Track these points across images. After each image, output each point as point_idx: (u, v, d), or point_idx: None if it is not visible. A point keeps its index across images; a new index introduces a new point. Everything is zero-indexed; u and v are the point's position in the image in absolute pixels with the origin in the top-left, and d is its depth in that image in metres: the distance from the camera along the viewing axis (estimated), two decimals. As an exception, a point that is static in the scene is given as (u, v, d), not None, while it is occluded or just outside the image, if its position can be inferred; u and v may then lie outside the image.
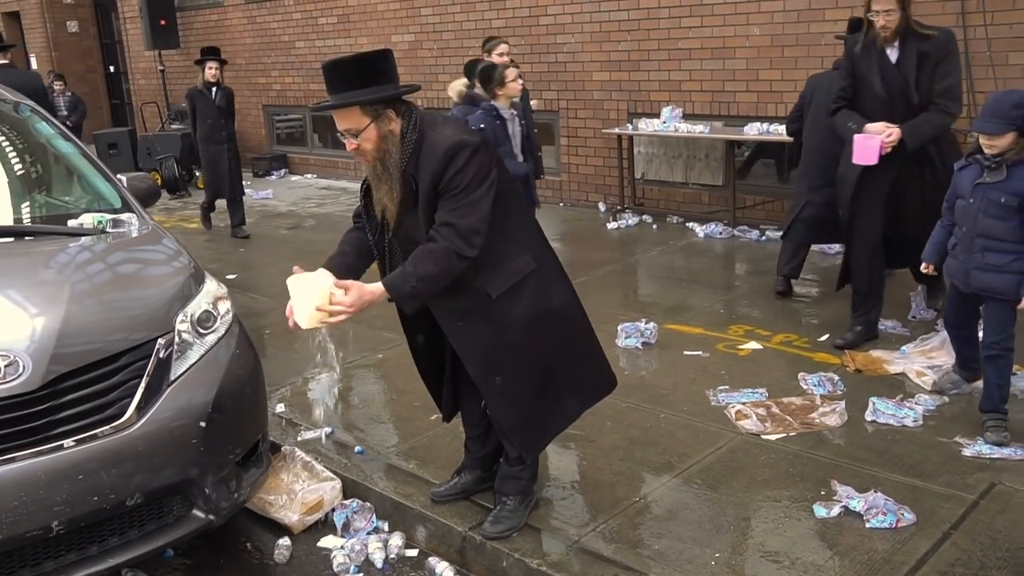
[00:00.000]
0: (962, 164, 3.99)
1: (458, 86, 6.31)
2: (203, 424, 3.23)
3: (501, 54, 6.68)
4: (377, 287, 3.03)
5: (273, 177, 12.88)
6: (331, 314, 2.98)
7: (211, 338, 3.47)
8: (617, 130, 8.82)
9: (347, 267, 3.25)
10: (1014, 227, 3.74)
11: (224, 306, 3.63)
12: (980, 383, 4.09)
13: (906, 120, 4.57)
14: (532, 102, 7.45)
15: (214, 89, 8.82)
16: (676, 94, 8.65)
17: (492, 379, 3.21)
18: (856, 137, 4.59)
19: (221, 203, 9.23)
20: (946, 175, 4.23)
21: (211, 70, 8.76)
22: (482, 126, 5.49)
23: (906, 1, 4.49)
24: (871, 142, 4.51)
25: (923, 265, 4.29)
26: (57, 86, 12.93)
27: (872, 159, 4.52)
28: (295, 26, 12.56)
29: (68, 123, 11.61)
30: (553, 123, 9.92)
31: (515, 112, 5.95)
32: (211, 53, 9.02)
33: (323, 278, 3.03)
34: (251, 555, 3.71)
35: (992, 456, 3.80)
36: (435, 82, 11.08)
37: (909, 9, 4.53)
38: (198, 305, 3.50)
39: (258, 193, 11.68)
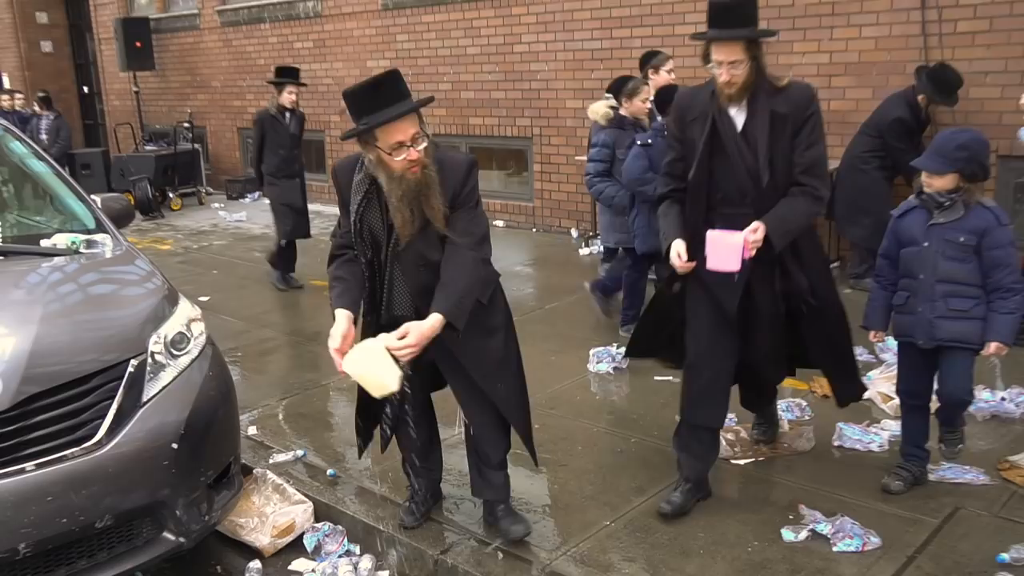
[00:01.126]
0: (903, 209, 3.66)
1: (602, 108, 5.93)
2: (175, 446, 3.22)
3: (670, 71, 6.16)
4: (434, 320, 3.05)
5: (247, 200, 12.83)
6: (401, 360, 3.03)
7: (184, 360, 3.45)
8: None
9: (356, 301, 3.29)
10: (973, 269, 3.49)
11: (198, 328, 3.62)
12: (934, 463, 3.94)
13: (758, 207, 3.45)
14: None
15: (287, 114, 7.60)
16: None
17: (497, 385, 3.34)
18: (711, 234, 3.41)
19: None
20: (804, 281, 3.60)
21: (291, 95, 7.55)
22: (649, 141, 5.36)
23: (758, 48, 3.38)
24: (731, 239, 3.36)
25: (871, 334, 3.86)
26: (38, 108, 12.71)
27: (733, 264, 3.36)
28: (271, 50, 12.57)
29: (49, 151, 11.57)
30: (527, 150, 9.99)
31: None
32: (290, 75, 7.74)
33: (376, 343, 3.05)
34: (221, 578, 3.68)
35: (955, 481, 3.85)
36: (410, 107, 11.13)
37: (763, 58, 3.41)
38: (172, 327, 3.49)
39: (232, 215, 11.64)
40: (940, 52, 6.86)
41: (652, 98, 5.66)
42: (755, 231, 3.34)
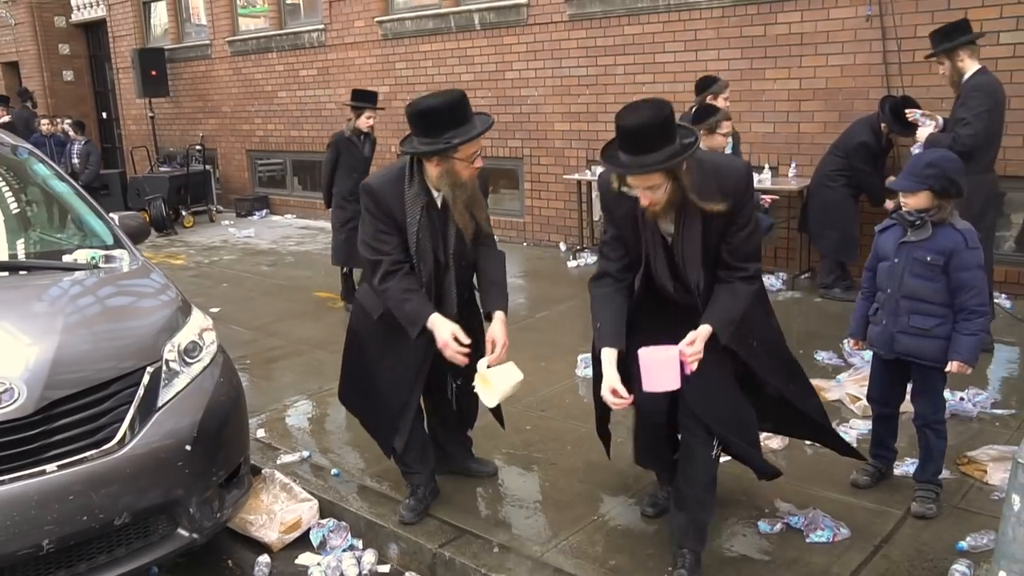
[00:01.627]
0: (884, 226, 3.62)
1: None
2: (188, 448, 3.21)
3: (727, 98, 5.96)
4: (502, 315, 3.47)
5: (255, 217, 12.82)
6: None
7: (197, 367, 3.45)
8: (577, 176, 8.93)
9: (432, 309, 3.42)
10: (939, 288, 3.41)
11: (209, 337, 3.61)
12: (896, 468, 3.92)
13: (692, 302, 3.04)
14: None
15: (363, 138, 7.12)
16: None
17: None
18: (642, 355, 2.91)
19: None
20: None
21: (368, 119, 7.07)
22: None
23: (679, 170, 2.79)
24: (666, 356, 2.89)
25: (851, 343, 3.85)
26: (72, 133, 12.54)
27: (672, 382, 2.89)
28: (278, 77, 12.58)
29: (80, 175, 11.40)
30: (518, 169, 10.01)
31: None
32: (368, 99, 7.20)
33: (517, 373, 3.37)
34: (232, 572, 3.66)
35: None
36: (407, 130, 11.15)
37: (686, 178, 2.81)
38: (185, 336, 3.48)
39: (241, 232, 11.62)
40: (900, 79, 6.92)
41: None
42: (692, 343, 2.91)
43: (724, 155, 3.08)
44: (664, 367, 2.87)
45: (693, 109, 5.58)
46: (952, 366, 3.42)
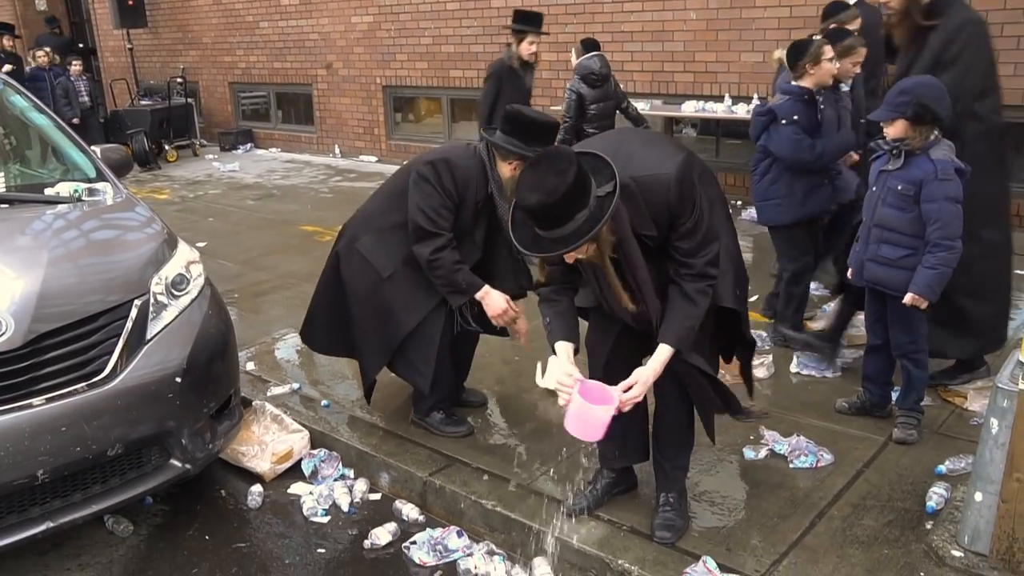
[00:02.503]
0: (876, 154, 3.56)
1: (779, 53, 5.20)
2: (178, 380, 3.22)
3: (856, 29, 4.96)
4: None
5: (239, 151, 12.66)
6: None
7: (184, 300, 3.44)
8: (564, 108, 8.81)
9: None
10: (911, 219, 3.37)
11: (196, 270, 3.60)
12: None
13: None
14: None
15: (524, 67, 6.29)
16: (619, 74, 8.64)
17: None
18: (576, 401, 2.63)
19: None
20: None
21: (531, 45, 6.18)
22: (795, 117, 4.26)
23: (599, 238, 2.44)
24: (598, 415, 2.61)
25: (850, 271, 3.73)
26: (75, 66, 11.66)
27: (594, 435, 2.66)
28: (259, 6, 12.29)
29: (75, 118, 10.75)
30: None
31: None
32: (533, 22, 6.27)
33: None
34: (226, 501, 3.71)
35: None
36: (392, 61, 10.97)
37: (609, 234, 2.49)
38: (172, 269, 3.46)
39: (226, 166, 11.49)
40: (893, 5, 6.79)
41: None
42: (629, 388, 2.67)
43: (649, 165, 2.56)
44: (593, 423, 2.62)
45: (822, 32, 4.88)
46: (907, 298, 3.39)
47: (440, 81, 10.46)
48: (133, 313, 3.21)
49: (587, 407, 2.61)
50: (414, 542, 3.27)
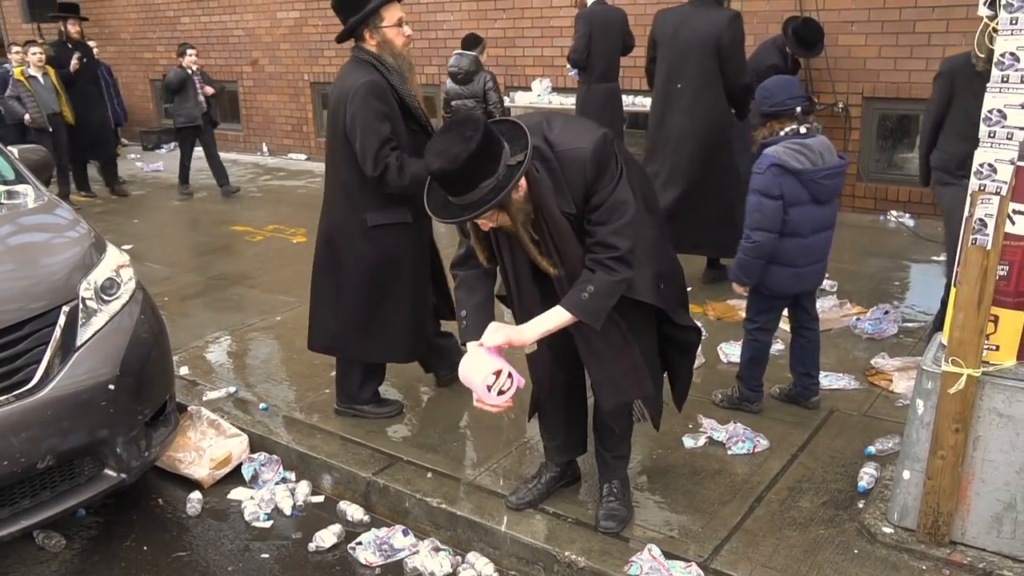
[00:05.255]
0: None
1: None
2: (111, 387, 3.12)
3: None
4: None
5: (163, 150, 12.33)
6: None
7: (115, 305, 3.33)
8: (496, 103, 8.83)
9: None
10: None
11: (127, 273, 3.49)
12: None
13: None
14: None
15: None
16: (549, 69, 8.72)
17: None
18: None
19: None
20: None
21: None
22: None
23: (508, 201, 2.43)
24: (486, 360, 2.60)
25: None
26: (191, 59, 8.91)
27: (480, 387, 2.60)
28: (180, 1, 11.97)
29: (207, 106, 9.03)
30: (435, 96, 9.84)
31: None
32: None
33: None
34: (163, 510, 3.61)
35: (832, 387, 4.05)
36: (320, 57, 10.82)
37: (522, 203, 2.50)
38: (101, 273, 3.35)
39: (149, 165, 11.18)
40: (814, 2, 7.00)
41: None
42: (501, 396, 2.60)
43: (567, 140, 2.54)
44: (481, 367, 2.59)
45: None
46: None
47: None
48: (61, 320, 3.10)
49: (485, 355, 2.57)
50: (359, 543, 3.24)
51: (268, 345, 5.01)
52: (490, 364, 2.58)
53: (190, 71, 8.85)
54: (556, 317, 2.64)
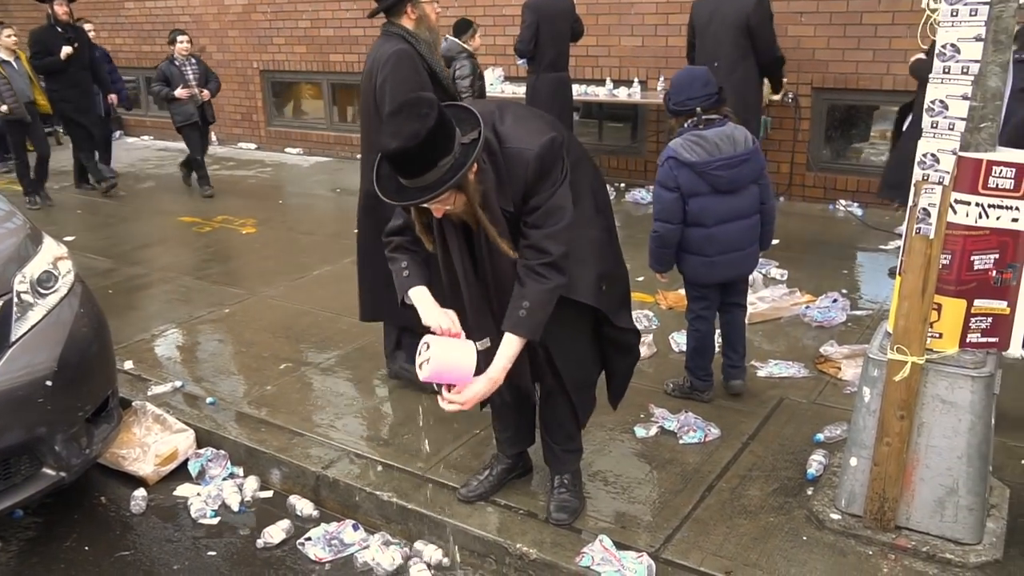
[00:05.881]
0: None
1: None
2: (49, 383, 3.03)
3: None
4: None
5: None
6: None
7: (53, 298, 3.24)
8: (448, 92, 8.77)
9: None
10: None
11: (65, 266, 3.39)
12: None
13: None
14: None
15: None
16: (502, 58, 8.67)
17: None
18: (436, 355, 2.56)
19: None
20: None
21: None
22: None
23: (465, 181, 2.40)
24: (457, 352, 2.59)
25: None
26: (182, 45, 8.31)
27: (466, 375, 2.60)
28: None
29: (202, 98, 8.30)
30: (387, 85, 9.74)
31: None
32: None
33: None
34: (106, 508, 3.52)
35: (781, 375, 4.10)
36: (269, 45, 10.65)
37: (476, 186, 2.45)
38: (37, 266, 3.25)
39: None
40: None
41: None
42: (459, 392, 2.62)
43: (515, 138, 2.51)
44: (459, 360, 2.57)
45: None
46: None
47: (320, 66, 10.22)
48: (-6, 314, 3.00)
49: (453, 346, 2.57)
50: (309, 538, 3.20)
51: (216, 338, 4.92)
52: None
53: (179, 61, 8.19)
54: (508, 345, 2.61)
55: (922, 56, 5.36)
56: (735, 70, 5.90)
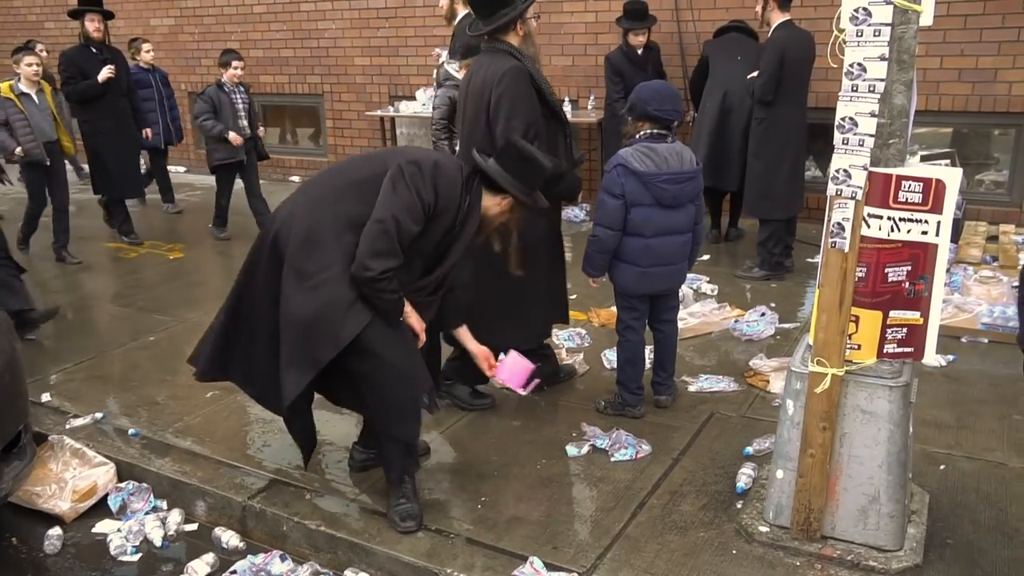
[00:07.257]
0: None
1: None
2: (-46, 420, 2.91)
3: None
4: None
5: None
6: None
7: (-41, 330, 3.11)
8: (379, 112, 8.74)
9: None
10: None
11: (-28, 296, 3.26)
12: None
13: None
14: None
15: None
16: (432, 79, 8.68)
17: None
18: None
19: None
20: None
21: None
22: None
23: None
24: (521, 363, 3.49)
25: None
26: (235, 69, 7.09)
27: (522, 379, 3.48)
28: (42, 5, 11.38)
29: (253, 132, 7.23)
30: (318, 106, 9.68)
31: None
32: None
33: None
34: (17, 550, 3.37)
35: (712, 390, 4.15)
36: (198, 66, 10.49)
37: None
38: (-58, 296, 3.13)
39: (13, 178, 10.53)
40: (690, 12, 7.20)
41: None
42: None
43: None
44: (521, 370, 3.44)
45: None
46: None
47: (251, 87, 10.08)
48: None
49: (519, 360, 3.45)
50: (234, 571, 3.11)
51: (140, 367, 4.78)
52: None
53: (228, 88, 7.04)
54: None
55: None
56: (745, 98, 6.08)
